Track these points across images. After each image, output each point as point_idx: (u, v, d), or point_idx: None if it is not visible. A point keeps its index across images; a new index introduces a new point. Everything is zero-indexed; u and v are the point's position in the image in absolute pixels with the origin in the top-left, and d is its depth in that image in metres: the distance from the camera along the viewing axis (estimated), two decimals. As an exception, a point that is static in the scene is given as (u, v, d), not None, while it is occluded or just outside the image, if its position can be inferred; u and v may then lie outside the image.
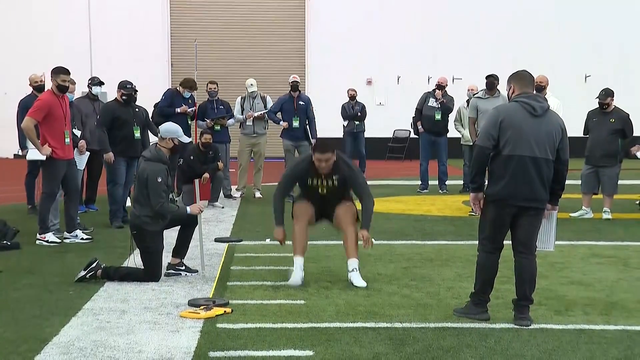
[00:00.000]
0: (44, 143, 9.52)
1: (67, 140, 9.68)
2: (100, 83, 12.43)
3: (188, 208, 7.81)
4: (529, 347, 5.56)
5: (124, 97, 11.16)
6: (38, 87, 12.07)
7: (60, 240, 9.72)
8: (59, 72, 9.61)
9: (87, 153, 10.77)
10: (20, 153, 12.33)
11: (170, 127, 7.91)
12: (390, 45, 27.54)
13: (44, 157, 9.55)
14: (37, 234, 9.69)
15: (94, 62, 26.51)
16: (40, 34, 26.59)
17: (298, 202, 7.72)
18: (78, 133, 10.60)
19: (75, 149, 10.43)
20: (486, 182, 6.31)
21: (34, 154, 9.77)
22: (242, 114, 14.63)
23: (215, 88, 14.63)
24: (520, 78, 6.37)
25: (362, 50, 27.52)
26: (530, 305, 6.26)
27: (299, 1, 28.15)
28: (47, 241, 9.61)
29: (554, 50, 27.32)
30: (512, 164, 6.06)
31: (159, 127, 8.17)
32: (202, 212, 7.96)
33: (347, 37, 27.50)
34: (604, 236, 10.50)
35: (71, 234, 9.84)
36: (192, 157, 13.27)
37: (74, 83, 11.34)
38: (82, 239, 9.81)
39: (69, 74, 9.68)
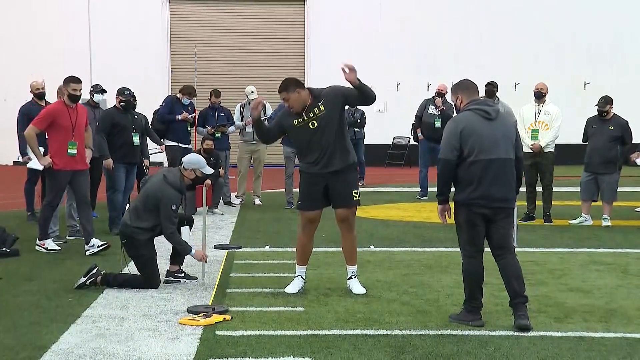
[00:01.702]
0: (49, 152, 9.45)
1: (71, 151, 9.45)
2: (103, 91, 12.45)
3: (193, 250, 7.65)
4: (528, 354, 5.56)
5: (122, 104, 11.19)
6: (39, 94, 12.07)
7: (59, 248, 9.67)
8: (70, 81, 9.45)
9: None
10: (20, 160, 12.31)
11: (193, 159, 7.84)
12: (389, 52, 27.57)
13: (41, 167, 9.52)
14: (37, 240, 9.68)
15: (93, 69, 26.51)
16: (40, 41, 26.62)
17: (303, 210, 7.59)
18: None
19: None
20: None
21: (34, 163, 9.70)
22: (241, 121, 14.64)
23: (217, 101, 14.60)
24: (466, 87, 6.58)
25: (361, 57, 27.50)
26: (526, 303, 6.28)
27: (299, 8, 28.19)
28: (45, 248, 9.57)
29: (553, 57, 27.34)
30: (479, 169, 6.23)
31: (183, 158, 8.00)
32: (206, 261, 7.80)
33: (347, 44, 27.51)
34: (604, 243, 10.50)
35: (88, 245, 9.54)
36: None
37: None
38: (99, 246, 9.49)
39: (80, 82, 9.49)
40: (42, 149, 11.61)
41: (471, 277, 6.40)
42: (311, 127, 7.31)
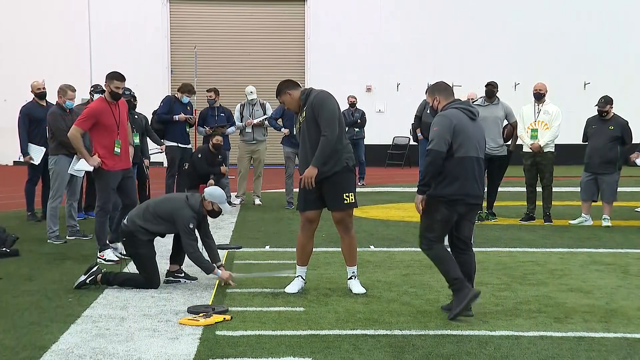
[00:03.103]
0: (95, 153, 8.96)
1: (117, 149, 8.97)
2: (103, 91, 12.42)
3: (219, 271, 7.59)
4: (528, 354, 5.55)
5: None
6: (40, 94, 12.08)
7: (118, 258, 8.96)
8: (113, 77, 8.99)
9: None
10: (21, 159, 12.30)
11: (215, 192, 7.73)
12: (390, 52, 27.60)
13: (91, 168, 9.04)
14: (97, 252, 9.10)
15: (93, 69, 26.55)
16: (41, 42, 26.65)
17: (302, 210, 7.59)
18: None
19: (75, 155, 10.41)
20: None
21: (82, 164, 9.23)
22: (241, 121, 14.65)
23: (212, 96, 14.64)
24: (444, 89, 6.79)
25: (361, 57, 27.57)
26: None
27: (299, 8, 28.21)
28: (105, 259, 8.89)
29: (553, 57, 27.38)
30: (465, 166, 6.45)
31: (206, 189, 7.86)
32: (233, 283, 7.64)
33: (347, 44, 27.55)
34: (604, 243, 10.50)
35: (113, 245, 9.28)
36: (199, 156, 13.33)
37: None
38: (117, 256, 9.08)
39: (124, 80, 9.06)
40: (40, 147, 11.69)
41: (445, 259, 6.54)
42: (301, 131, 7.38)
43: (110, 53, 26.66)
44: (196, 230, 7.65)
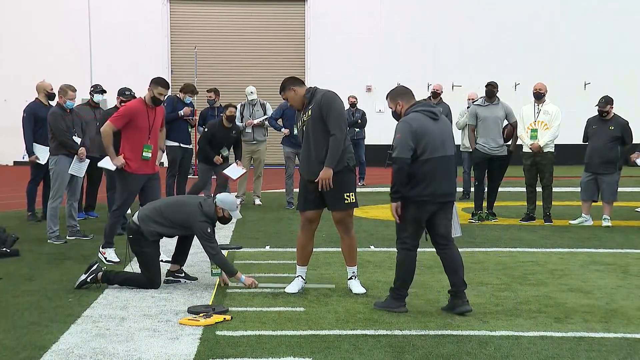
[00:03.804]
0: (121, 153, 8.87)
1: (146, 154, 8.88)
2: (103, 91, 12.44)
3: (242, 276, 7.51)
4: (528, 354, 5.55)
5: (123, 104, 11.14)
6: (51, 95, 12.05)
7: (118, 260, 8.83)
8: (158, 83, 8.86)
9: (87, 160, 10.74)
10: (26, 159, 12.30)
11: (226, 199, 7.68)
12: (390, 52, 27.60)
13: (113, 167, 8.94)
14: (100, 247, 9.11)
15: (94, 69, 26.55)
16: (41, 42, 26.65)
17: (302, 210, 7.59)
18: (78, 140, 10.58)
19: (75, 155, 10.42)
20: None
21: (105, 162, 9.16)
22: (241, 122, 14.63)
23: (212, 97, 14.63)
24: (404, 93, 6.94)
25: (362, 57, 27.57)
26: (465, 290, 6.69)
27: (299, 8, 28.22)
28: (105, 258, 8.86)
29: (553, 57, 27.38)
30: (431, 166, 6.58)
31: (218, 195, 7.79)
32: (256, 285, 7.54)
33: (347, 44, 27.55)
34: (604, 243, 10.50)
35: None
36: (214, 128, 13.30)
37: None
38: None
39: (168, 88, 8.99)
40: (45, 147, 11.70)
41: (406, 269, 6.78)
42: (304, 129, 7.36)
43: (111, 53, 26.68)
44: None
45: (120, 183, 9.03)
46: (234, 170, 13.02)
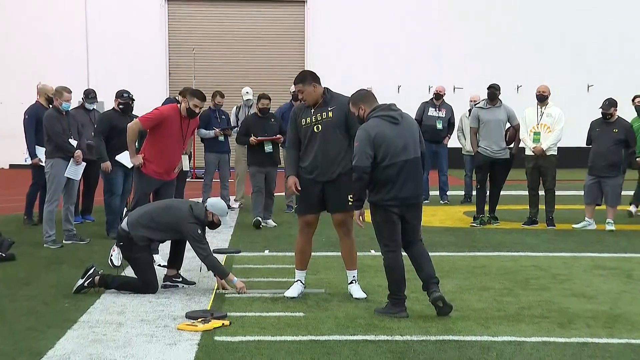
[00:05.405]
0: (142, 153, 8.85)
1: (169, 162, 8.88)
2: (95, 99, 12.41)
3: (235, 278, 7.46)
4: (531, 360, 5.49)
5: (120, 106, 11.10)
6: (52, 99, 11.96)
7: (118, 264, 8.54)
8: (195, 95, 8.68)
9: (84, 163, 10.66)
10: (28, 162, 12.23)
11: (217, 204, 7.63)
12: (390, 54, 27.53)
13: (130, 165, 9.02)
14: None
15: (91, 70, 26.47)
16: (37, 44, 26.55)
17: (301, 214, 7.53)
18: (74, 143, 10.48)
19: (72, 159, 10.33)
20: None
21: (123, 157, 9.25)
22: (237, 124, 14.44)
23: (221, 102, 14.47)
24: (366, 97, 6.94)
25: (362, 59, 27.51)
26: (437, 283, 6.76)
27: (299, 10, 28.17)
28: (111, 259, 8.58)
29: (556, 59, 27.31)
30: (393, 171, 6.62)
31: (208, 200, 7.79)
32: (244, 291, 7.43)
33: (347, 46, 27.48)
34: (607, 248, 10.42)
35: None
36: (251, 121, 12.78)
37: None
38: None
39: (205, 100, 8.73)
40: (43, 149, 11.62)
41: (395, 271, 6.79)
42: (315, 130, 7.26)
43: (108, 54, 26.58)
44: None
45: (136, 180, 9.08)
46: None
